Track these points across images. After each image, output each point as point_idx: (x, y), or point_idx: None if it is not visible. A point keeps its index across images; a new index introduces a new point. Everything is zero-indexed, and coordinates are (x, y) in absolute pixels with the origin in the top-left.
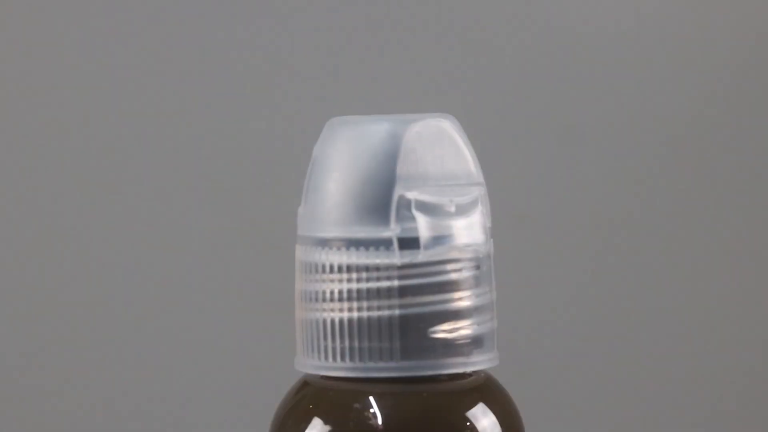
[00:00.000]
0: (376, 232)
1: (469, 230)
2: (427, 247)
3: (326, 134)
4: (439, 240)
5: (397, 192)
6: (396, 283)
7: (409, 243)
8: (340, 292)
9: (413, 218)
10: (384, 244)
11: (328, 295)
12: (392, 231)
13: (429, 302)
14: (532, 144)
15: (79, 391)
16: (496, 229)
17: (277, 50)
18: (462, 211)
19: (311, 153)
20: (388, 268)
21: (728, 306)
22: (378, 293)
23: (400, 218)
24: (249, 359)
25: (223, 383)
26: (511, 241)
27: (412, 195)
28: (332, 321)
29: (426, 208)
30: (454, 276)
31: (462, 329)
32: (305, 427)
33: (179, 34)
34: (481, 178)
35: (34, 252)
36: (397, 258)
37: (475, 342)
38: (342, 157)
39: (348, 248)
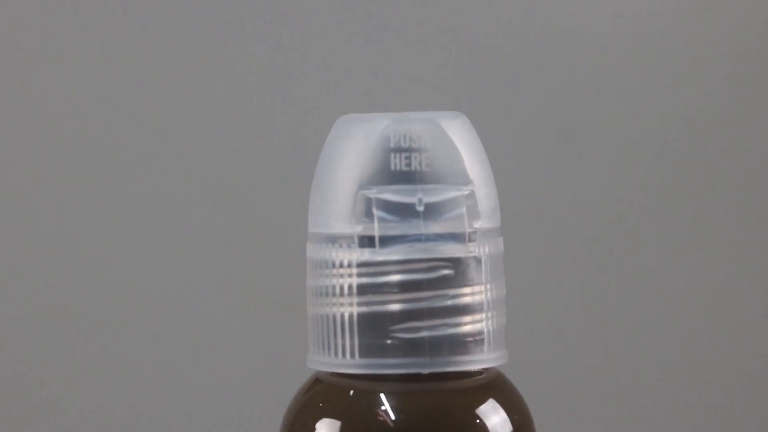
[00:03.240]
0: (344, 229)
1: (443, 230)
2: (383, 246)
3: (332, 131)
4: (400, 239)
5: (360, 191)
6: (356, 281)
7: (369, 241)
8: (342, 287)
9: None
10: (348, 241)
11: (333, 290)
12: (352, 229)
13: (410, 299)
14: (537, 143)
15: (85, 389)
16: (505, 228)
17: (287, 47)
18: (434, 210)
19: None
20: (350, 265)
21: (732, 304)
22: (342, 290)
23: (365, 216)
24: (262, 356)
25: (236, 380)
26: (519, 239)
27: (372, 194)
28: (340, 317)
29: (388, 207)
30: (419, 276)
31: (454, 327)
32: (316, 425)
33: (187, 32)
34: (473, 178)
35: (40, 252)
36: (356, 255)
37: (483, 340)
38: (335, 154)
39: (342, 246)
